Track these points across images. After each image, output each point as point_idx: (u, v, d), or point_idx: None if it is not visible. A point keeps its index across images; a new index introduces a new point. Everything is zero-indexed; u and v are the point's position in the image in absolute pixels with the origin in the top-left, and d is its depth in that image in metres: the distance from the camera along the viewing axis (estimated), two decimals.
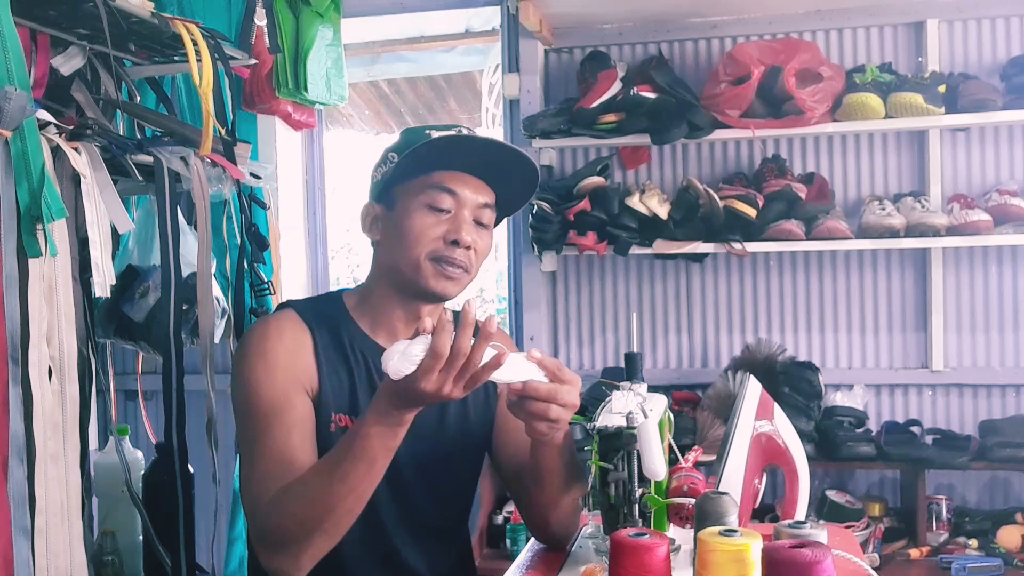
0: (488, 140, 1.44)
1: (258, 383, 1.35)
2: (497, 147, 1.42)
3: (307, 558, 1.24)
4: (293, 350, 1.38)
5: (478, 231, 1.41)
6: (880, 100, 2.57)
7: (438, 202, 1.38)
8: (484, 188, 1.42)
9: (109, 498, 1.90)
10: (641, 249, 2.73)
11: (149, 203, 1.97)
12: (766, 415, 1.50)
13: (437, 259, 1.37)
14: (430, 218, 1.38)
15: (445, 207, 1.38)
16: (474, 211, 1.40)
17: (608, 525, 1.32)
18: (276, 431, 1.31)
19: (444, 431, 1.47)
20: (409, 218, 1.38)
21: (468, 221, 1.39)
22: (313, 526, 1.22)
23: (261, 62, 2.43)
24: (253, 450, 1.32)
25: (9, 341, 1.25)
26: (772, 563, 1.05)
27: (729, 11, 2.90)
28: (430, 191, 1.38)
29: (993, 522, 2.61)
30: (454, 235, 1.37)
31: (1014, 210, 2.59)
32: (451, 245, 1.37)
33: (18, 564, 1.23)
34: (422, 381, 1.13)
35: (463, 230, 1.37)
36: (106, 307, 1.94)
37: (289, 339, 1.38)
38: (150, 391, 2.73)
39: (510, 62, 3.03)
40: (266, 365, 1.35)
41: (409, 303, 1.43)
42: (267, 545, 1.27)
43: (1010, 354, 2.81)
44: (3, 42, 1.25)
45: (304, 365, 1.38)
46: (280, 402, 1.33)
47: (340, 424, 1.38)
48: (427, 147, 1.36)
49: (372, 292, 1.46)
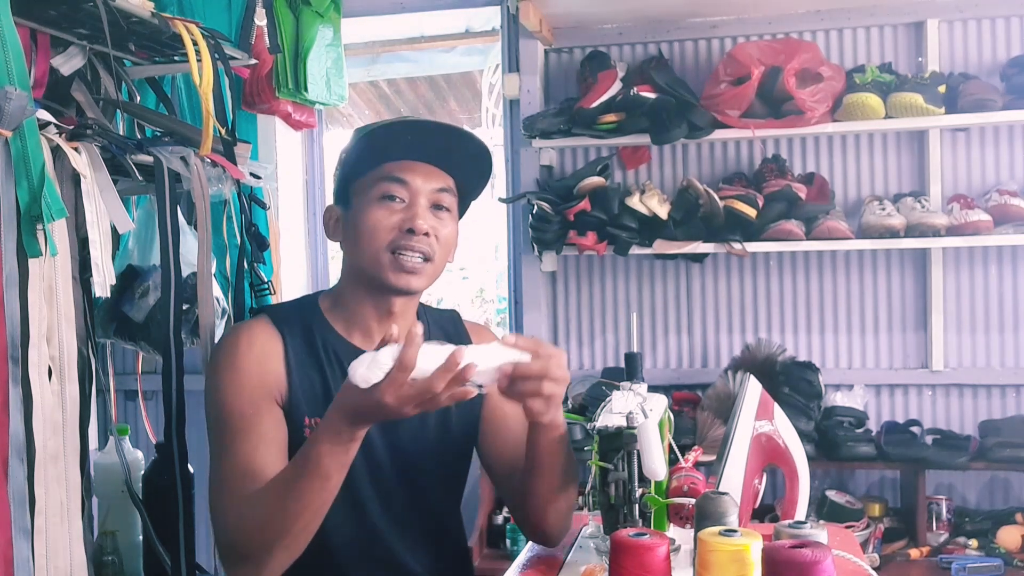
0: (428, 122, 1.43)
1: (226, 395, 1.35)
2: (436, 128, 1.42)
3: (270, 571, 1.26)
4: (262, 359, 1.38)
5: (437, 217, 1.40)
6: (880, 100, 2.57)
7: (390, 191, 1.38)
8: (437, 173, 1.41)
9: (109, 498, 1.90)
10: (641, 249, 2.73)
11: (149, 203, 1.97)
12: (766, 415, 1.50)
13: (395, 251, 1.37)
14: (383, 210, 1.38)
15: (398, 196, 1.38)
16: (430, 197, 1.40)
17: (608, 525, 1.32)
18: (243, 444, 1.32)
19: (425, 428, 1.46)
20: (364, 213, 1.38)
21: (423, 208, 1.38)
22: (273, 541, 1.23)
23: (261, 62, 2.43)
24: (220, 462, 1.33)
25: (9, 341, 1.25)
26: (772, 563, 1.05)
27: (729, 11, 2.90)
28: (381, 183, 1.38)
29: (993, 522, 2.61)
30: (409, 223, 1.36)
31: (1014, 210, 2.60)
32: (407, 234, 1.36)
33: (18, 564, 1.23)
34: (387, 393, 1.13)
35: (418, 218, 1.37)
36: (106, 307, 1.94)
37: (258, 348, 1.38)
38: (150, 391, 2.73)
39: (510, 62, 3.03)
40: (235, 376, 1.36)
41: (379, 300, 1.43)
42: (230, 557, 1.29)
43: (1010, 354, 2.81)
44: (3, 42, 1.25)
45: (273, 373, 1.38)
46: (248, 415, 1.34)
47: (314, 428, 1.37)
48: (369, 138, 1.37)
49: (344, 293, 1.46)
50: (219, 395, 1.36)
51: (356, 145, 1.41)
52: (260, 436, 1.33)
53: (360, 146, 1.39)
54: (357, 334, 1.45)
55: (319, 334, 1.43)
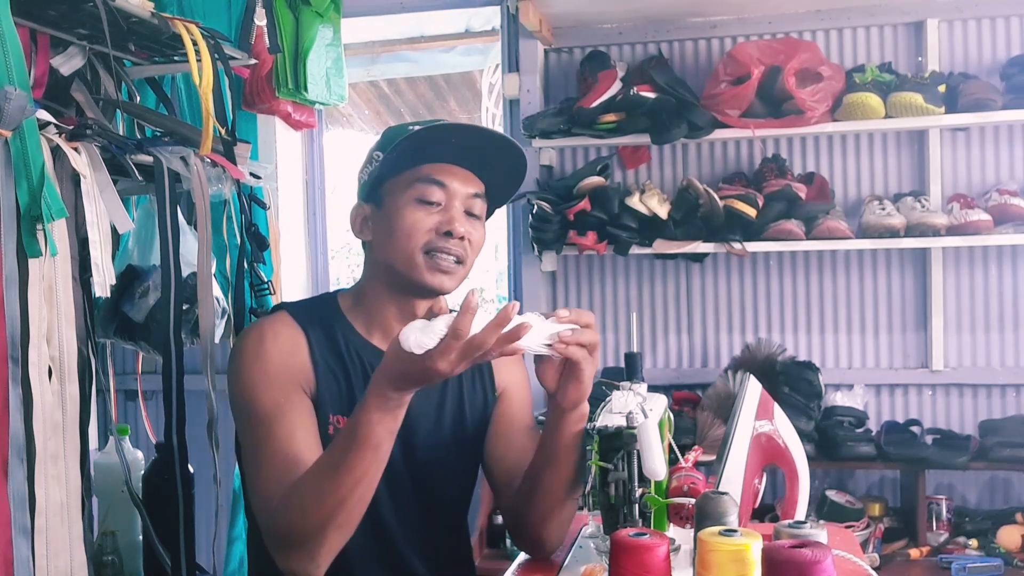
0: (472, 127, 1.43)
1: (256, 386, 1.34)
2: (482, 134, 1.41)
3: (323, 554, 1.23)
4: (289, 351, 1.37)
5: (470, 222, 1.40)
6: (880, 100, 2.57)
7: (428, 195, 1.37)
8: (472, 178, 1.41)
9: (109, 498, 1.90)
10: (641, 249, 2.73)
11: (149, 203, 1.97)
12: (766, 415, 1.50)
13: (430, 252, 1.36)
14: (421, 211, 1.37)
15: (435, 200, 1.38)
16: (465, 202, 1.40)
17: (608, 525, 1.32)
18: (279, 432, 1.31)
19: (440, 429, 1.46)
20: (399, 213, 1.38)
21: (459, 212, 1.38)
22: (326, 521, 1.21)
23: (261, 62, 2.43)
24: (258, 453, 1.32)
25: (9, 341, 1.25)
26: (772, 563, 1.05)
27: (729, 11, 2.90)
28: (419, 184, 1.38)
29: (993, 522, 2.61)
30: (447, 226, 1.36)
31: (1014, 210, 2.59)
32: (444, 236, 1.36)
33: (18, 564, 1.23)
34: (439, 359, 1.12)
35: (456, 221, 1.37)
36: (106, 307, 1.94)
37: (285, 340, 1.38)
38: (150, 391, 2.73)
39: (510, 62, 3.03)
40: (263, 367, 1.35)
41: (403, 301, 1.42)
42: (282, 546, 1.26)
43: (1010, 354, 2.81)
44: (3, 42, 1.25)
45: (301, 366, 1.37)
46: (280, 402, 1.33)
47: (338, 426, 1.38)
48: (413, 139, 1.36)
49: (366, 293, 1.46)
50: (249, 388, 1.35)
51: (394, 144, 1.38)
52: (295, 421, 1.32)
53: (400, 146, 1.37)
54: (377, 334, 1.44)
55: (340, 333, 1.43)
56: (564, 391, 1.29)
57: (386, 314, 1.44)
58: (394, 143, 1.37)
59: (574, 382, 1.28)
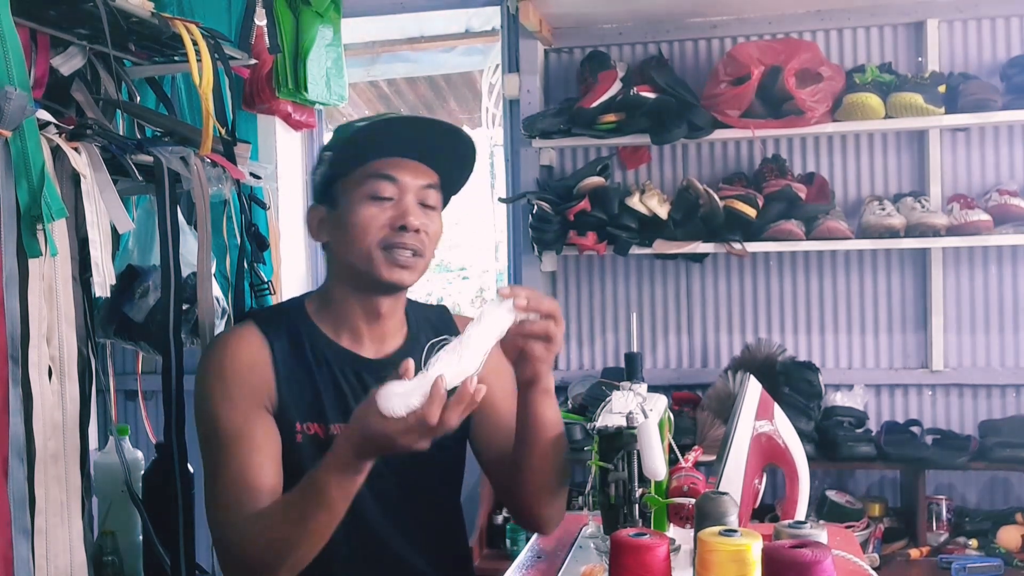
0: (416, 118, 1.43)
1: (217, 407, 1.35)
2: (427, 125, 1.41)
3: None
4: (250, 368, 1.37)
5: (425, 213, 1.40)
6: (880, 100, 2.57)
7: (380, 190, 1.37)
8: (424, 170, 1.41)
9: (109, 498, 1.90)
10: (641, 249, 2.73)
11: (149, 203, 1.97)
12: (766, 415, 1.50)
13: (388, 247, 1.36)
14: (374, 208, 1.37)
15: (387, 195, 1.38)
16: (418, 194, 1.39)
17: (608, 525, 1.32)
18: (239, 457, 1.32)
19: None
20: (353, 212, 1.38)
21: (413, 205, 1.38)
22: (277, 562, 1.24)
23: (261, 62, 2.43)
24: (218, 476, 1.34)
25: (9, 341, 1.25)
26: (772, 563, 1.05)
27: (729, 11, 2.90)
28: (370, 181, 1.38)
29: (993, 522, 2.61)
30: (401, 221, 1.36)
31: (1014, 210, 2.59)
32: (399, 231, 1.36)
33: (18, 564, 1.23)
34: (403, 436, 1.14)
35: (409, 214, 1.37)
36: (106, 307, 1.94)
37: (245, 357, 1.38)
38: (150, 391, 2.73)
39: (510, 62, 3.03)
40: (224, 388, 1.36)
41: (367, 299, 1.42)
42: (233, 570, 1.30)
43: (1010, 354, 2.81)
44: (3, 42, 1.25)
45: (262, 381, 1.37)
46: (240, 426, 1.34)
47: (308, 432, 1.38)
48: (359, 135, 1.36)
49: (330, 294, 1.45)
50: (209, 408, 1.36)
51: (342, 143, 1.40)
52: (253, 447, 1.33)
53: (347, 144, 1.39)
54: (346, 336, 1.44)
55: (307, 338, 1.42)
56: (520, 368, 1.30)
57: (351, 314, 1.44)
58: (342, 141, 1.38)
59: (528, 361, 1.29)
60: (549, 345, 1.28)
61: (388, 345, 1.46)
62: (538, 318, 1.25)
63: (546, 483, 1.41)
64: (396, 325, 1.48)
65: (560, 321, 1.28)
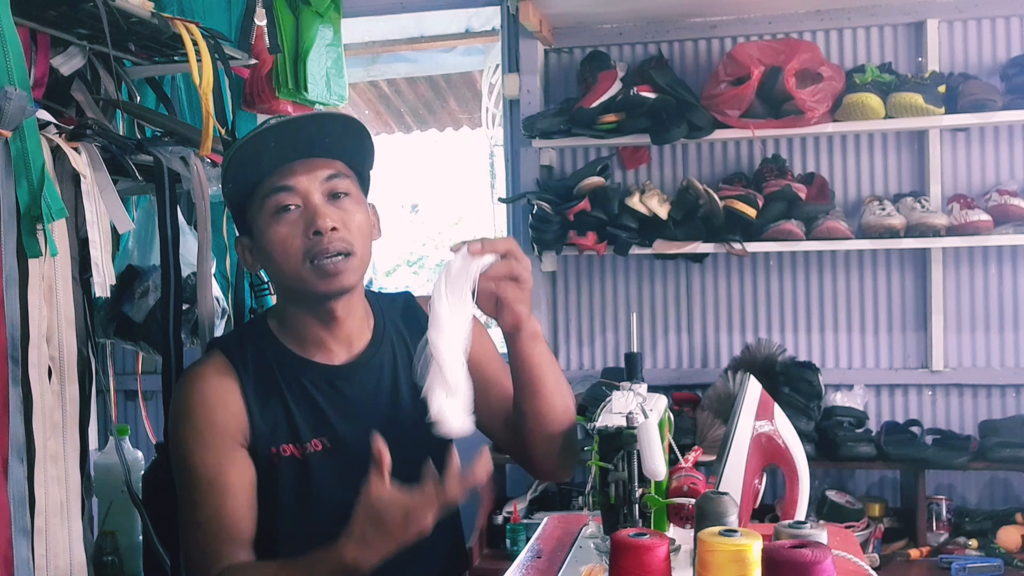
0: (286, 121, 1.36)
1: (189, 449, 1.35)
2: (299, 123, 1.36)
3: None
4: (221, 405, 1.36)
5: (339, 207, 1.35)
6: (880, 100, 2.57)
7: (281, 202, 1.33)
8: (319, 163, 1.35)
9: (109, 498, 1.90)
10: (641, 249, 2.73)
11: (149, 203, 1.97)
12: (766, 415, 1.50)
13: (312, 258, 1.32)
14: (283, 224, 1.33)
15: (290, 203, 1.33)
16: (322, 190, 1.34)
17: (608, 525, 1.32)
18: (210, 499, 1.33)
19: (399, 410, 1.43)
20: (266, 235, 1.34)
21: (320, 204, 1.33)
22: None
23: (261, 62, 2.43)
24: (192, 515, 1.35)
25: (9, 341, 1.25)
26: (772, 563, 1.05)
27: (729, 11, 2.90)
28: (269, 199, 1.34)
29: (993, 522, 2.61)
30: (312, 227, 1.32)
31: (1014, 210, 2.59)
32: (316, 237, 1.32)
33: (18, 564, 1.23)
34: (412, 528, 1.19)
35: (318, 217, 1.32)
36: (106, 307, 1.94)
37: (214, 395, 1.36)
38: (150, 391, 2.74)
39: (510, 62, 3.03)
40: (194, 429, 1.35)
41: (319, 310, 1.39)
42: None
43: (1010, 354, 2.81)
44: (3, 42, 1.25)
45: (232, 417, 1.36)
46: (211, 467, 1.34)
47: (284, 454, 1.37)
48: (233, 163, 1.34)
49: (285, 313, 1.43)
50: (181, 450, 1.36)
51: (226, 173, 1.36)
52: (226, 487, 1.33)
53: (230, 172, 1.35)
54: (311, 347, 1.42)
55: (273, 358, 1.40)
56: (501, 317, 1.29)
57: (309, 326, 1.41)
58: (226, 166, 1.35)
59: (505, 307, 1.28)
60: (520, 284, 1.26)
61: (356, 345, 1.44)
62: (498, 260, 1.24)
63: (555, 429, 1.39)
64: (359, 322, 1.45)
65: (521, 258, 1.26)
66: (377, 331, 1.47)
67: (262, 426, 1.36)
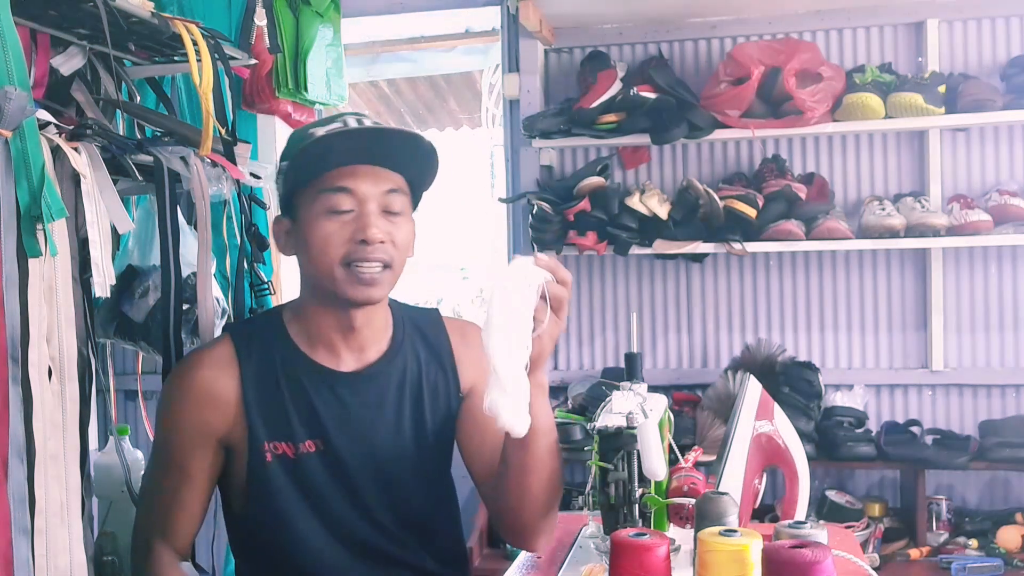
0: (369, 129, 1.34)
1: (167, 431, 1.39)
2: (381, 133, 1.35)
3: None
4: (209, 397, 1.36)
5: (390, 221, 1.33)
6: (880, 100, 2.57)
7: (337, 204, 1.31)
8: (384, 174, 1.34)
9: (109, 498, 1.90)
10: (641, 249, 2.73)
11: (149, 203, 1.97)
12: (766, 415, 1.50)
13: (350, 263, 1.31)
14: (333, 223, 1.31)
15: (345, 207, 1.31)
16: (380, 201, 1.33)
17: (608, 525, 1.32)
18: (168, 483, 1.37)
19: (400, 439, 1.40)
20: (312, 228, 1.32)
21: (374, 215, 1.31)
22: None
23: (261, 62, 2.43)
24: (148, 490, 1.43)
25: (9, 341, 1.25)
26: (772, 563, 1.05)
27: (729, 11, 2.90)
28: (326, 195, 1.31)
29: (993, 522, 2.61)
30: (361, 235, 1.30)
31: (1014, 210, 2.60)
32: (361, 245, 1.30)
33: (18, 564, 1.23)
34: None
35: (370, 227, 1.30)
36: (106, 307, 1.94)
37: (203, 387, 1.36)
38: (150, 391, 2.73)
39: (510, 62, 3.03)
40: (176, 414, 1.38)
41: (340, 314, 1.37)
42: None
43: (1010, 354, 2.81)
44: (3, 42, 1.25)
45: (215, 409, 1.36)
46: (177, 457, 1.38)
47: (277, 452, 1.36)
48: (309, 148, 1.31)
49: (304, 307, 1.42)
50: (160, 432, 1.41)
51: (296, 153, 1.33)
52: (184, 477, 1.37)
53: (300, 155, 1.32)
54: (321, 349, 1.40)
55: (279, 353, 1.39)
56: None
57: (325, 327, 1.39)
58: (294, 152, 1.33)
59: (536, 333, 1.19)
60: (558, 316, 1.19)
61: (369, 354, 1.42)
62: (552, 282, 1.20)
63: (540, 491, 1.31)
64: (376, 333, 1.42)
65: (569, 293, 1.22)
66: (394, 345, 1.44)
67: (256, 418, 1.36)
